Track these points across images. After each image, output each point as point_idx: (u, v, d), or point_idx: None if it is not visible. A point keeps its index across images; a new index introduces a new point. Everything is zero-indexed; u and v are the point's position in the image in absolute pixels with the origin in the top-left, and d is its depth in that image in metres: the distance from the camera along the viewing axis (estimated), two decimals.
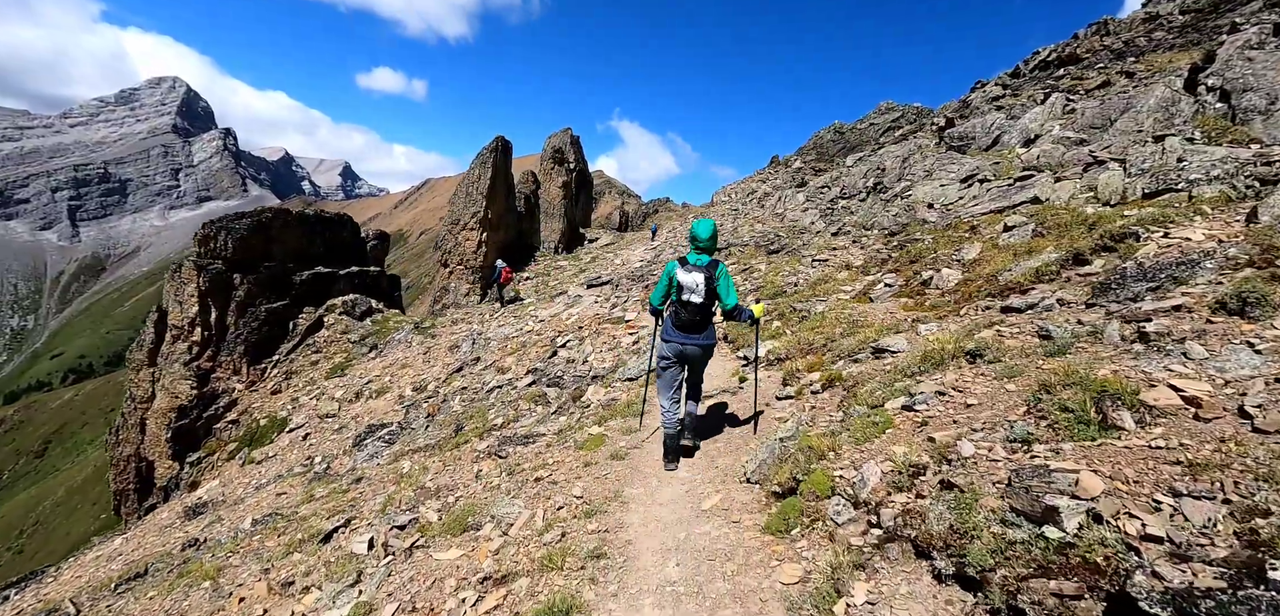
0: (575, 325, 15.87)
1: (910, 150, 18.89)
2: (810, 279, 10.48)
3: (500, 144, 43.79)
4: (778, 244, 17.40)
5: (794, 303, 9.09)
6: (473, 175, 43.48)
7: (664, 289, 5.01)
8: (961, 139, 16.02)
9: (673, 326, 4.92)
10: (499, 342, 17.92)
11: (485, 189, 42.49)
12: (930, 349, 4.91)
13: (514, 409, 11.03)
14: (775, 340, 7.67)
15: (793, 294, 9.97)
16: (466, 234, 43.31)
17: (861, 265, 10.32)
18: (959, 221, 10.26)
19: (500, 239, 44.61)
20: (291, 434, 17.64)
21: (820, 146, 56.38)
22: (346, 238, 27.41)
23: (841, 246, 12.65)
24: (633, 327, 12.34)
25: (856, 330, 6.69)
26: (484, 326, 20.46)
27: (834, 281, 9.74)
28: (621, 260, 34.39)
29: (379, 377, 18.92)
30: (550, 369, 12.72)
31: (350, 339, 21.97)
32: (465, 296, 43.48)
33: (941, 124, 17.72)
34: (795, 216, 23.54)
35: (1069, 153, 11.31)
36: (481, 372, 15.57)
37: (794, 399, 5.61)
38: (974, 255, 8.31)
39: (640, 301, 16.37)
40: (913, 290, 8.05)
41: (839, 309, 7.86)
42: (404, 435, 13.59)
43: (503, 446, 7.33)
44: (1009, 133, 14.44)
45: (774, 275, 11.67)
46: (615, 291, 19.78)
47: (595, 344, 12.52)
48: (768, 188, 44.13)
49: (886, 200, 16.52)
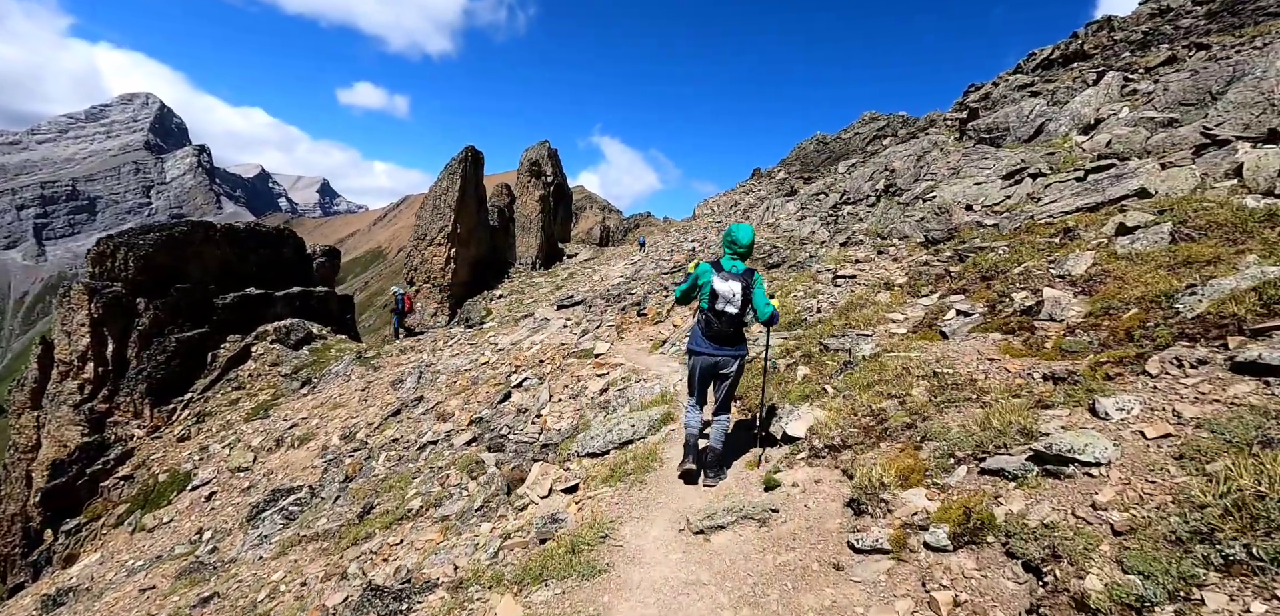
0: (537, 357, 13.04)
1: (923, 148, 16.43)
2: (838, 302, 7.78)
3: (470, 154, 40.90)
4: (777, 256, 14.77)
5: (825, 338, 6.38)
6: (440, 187, 40.54)
7: (689, 287, 4.72)
8: (991, 131, 13.56)
9: (702, 336, 4.60)
10: (449, 377, 15.02)
11: (454, 201, 39.54)
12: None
13: (441, 482, 8.18)
14: (814, 405, 4.91)
15: (818, 323, 7.27)
16: (433, 249, 40.29)
17: (905, 282, 7.65)
18: (1033, 224, 7.66)
19: (471, 255, 41.63)
20: (194, 492, 14.52)
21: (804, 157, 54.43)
22: (288, 255, 24.32)
23: (864, 257, 10.01)
24: (603, 365, 9.56)
25: (956, 395, 4.00)
26: (435, 356, 17.52)
27: (874, 306, 7.06)
28: (600, 276, 31.61)
29: (306, 421, 15.88)
30: (496, 421, 9.88)
31: (281, 372, 18.87)
32: (433, 317, 40.35)
33: (963, 117, 15.30)
34: (790, 225, 20.99)
35: (1159, 136, 8.81)
36: (421, 418, 12.66)
37: (888, 556, 2.85)
38: (1087, 269, 5.69)
39: (615, 326, 13.59)
40: (1007, 322, 5.38)
41: (903, 352, 5.16)
42: (311, 506, 10.63)
43: (381, 595, 4.47)
44: (1055, 120, 11.98)
45: (785, 296, 8.95)
46: (588, 314, 17.00)
47: (555, 387, 9.70)
48: (752, 199, 41.85)
49: (905, 203, 13.98)
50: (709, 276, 4.48)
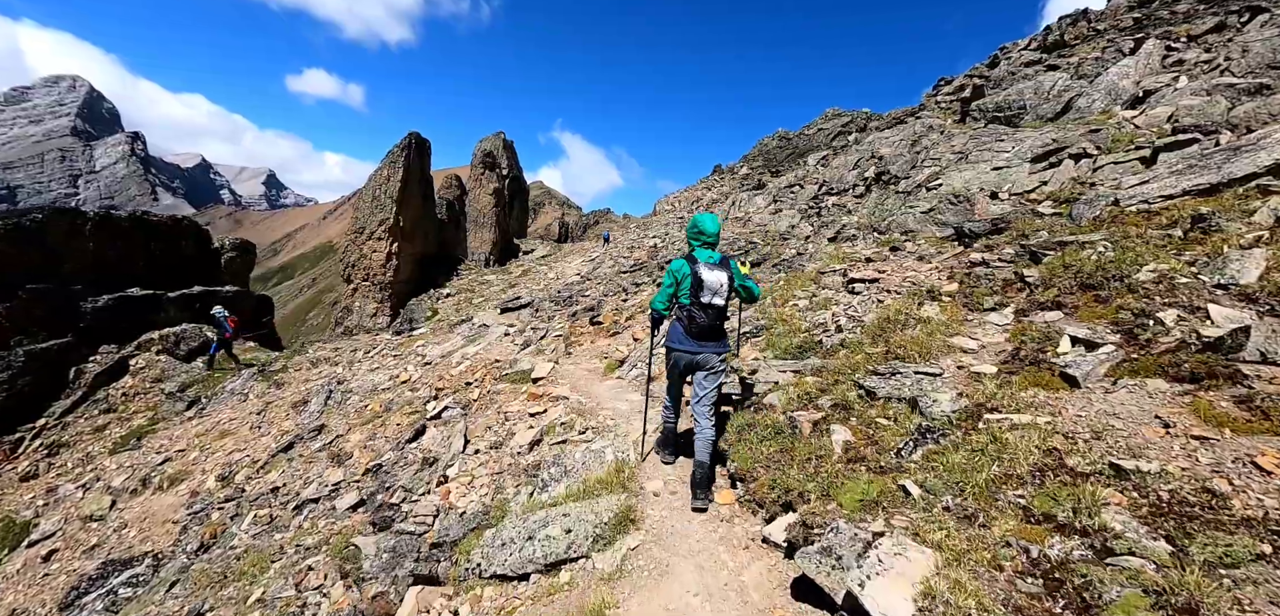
0: (465, 378, 10.50)
1: (917, 132, 14.53)
2: (863, 317, 5.55)
3: (414, 140, 37.69)
4: (756, 254, 12.60)
5: (861, 376, 4.15)
6: (381, 176, 37.20)
7: (670, 291, 4.31)
8: (1003, 110, 11.69)
9: (685, 333, 4.20)
10: (361, 398, 12.32)
11: (395, 192, 36.30)
12: None
13: (299, 581, 5.64)
14: (896, 530, 2.52)
15: (841, 350, 5.02)
16: (373, 244, 36.96)
17: (958, 290, 5.51)
18: (1123, 213, 5.61)
19: (416, 250, 38.43)
20: (30, 550, 11.41)
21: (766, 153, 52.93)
22: (188, 249, 20.95)
23: (875, 255, 7.87)
24: (541, 397, 7.15)
25: (1188, 524, 1.75)
26: (351, 371, 14.71)
27: (923, 324, 4.89)
28: (555, 274, 29.11)
29: (184, 454, 12.92)
30: (397, 473, 7.36)
31: (165, 390, 15.72)
32: (372, 318, 37.09)
33: (965, 96, 13.44)
34: (763, 219, 18.93)
35: (1249, 105, 6.93)
36: (314, 456, 10.00)
37: None
38: (1263, 274, 3.64)
39: (563, 337, 11.15)
40: (1173, 362, 3.23)
41: (1017, 412, 2.95)
42: (148, 589, 7.90)
43: None
44: (1087, 95, 10.15)
45: (784, 305, 6.70)
46: (534, 318, 14.52)
47: (475, 428, 7.21)
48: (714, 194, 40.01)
49: (904, 193, 12.00)
50: (687, 270, 4.21)
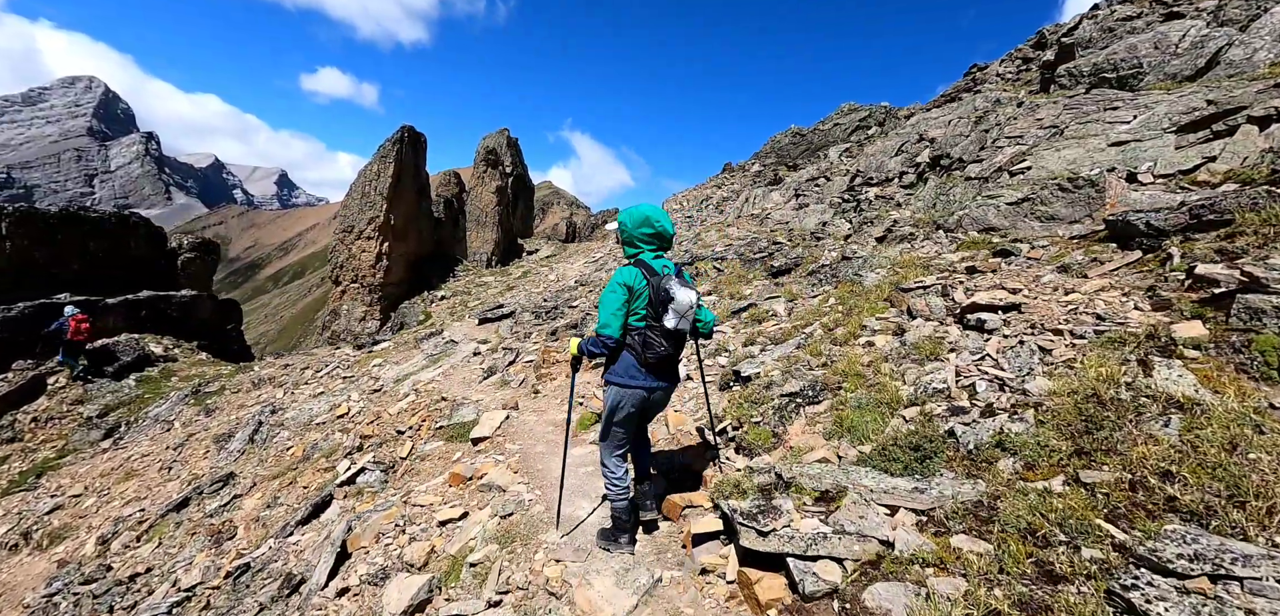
0: (401, 420, 7.98)
1: (980, 109, 11.86)
2: (1031, 383, 2.96)
3: (406, 134, 35.37)
4: (782, 257, 10.00)
5: (1103, 559, 1.55)
6: (371, 172, 34.97)
7: (621, 308, 3.13)
8: (1108, 72, 9.01)
9: (638, 366, 3.16)
10: (289, 436, 9.89)
11: (386, 189, 34.04)
12: None
13: None
14: None
15: (997, 455, 2.43)
16: (362, 243, 34.73)
17: (1209, 336, 2.84)
18: None
19: (409, 250, 36.13)
20: None
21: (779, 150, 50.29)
22: (138, 249, 18.67)
23: (984, 265, 5.26)
24: (463, 483, 4.64)
25: None
26: (293, 394, 12.26)
27: (1188, 414, 2.20)
28: (556, 276, 26.70)
29: (78, 500, 10.58)
30: (254, 589, 4.89)
31: (83, 414, 13.39)
32: (361, 322, 34.88)
33: (1049, 58, 10.73)
34: (784, 216, 16.32)
35: None
36: (197, 526, 7.59)
37: None
38: None
39: (535, 364, 8.59)
40: None
41: None
42: None
43: None
44: (1242, 44, 7.47)
45: (849, 346, 4.11)
46: (512, 332, 12.01)
47: (370, 527, 4.69)
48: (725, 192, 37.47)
49: (975, 179, 9.34)
50: (644, 282, 3.12)
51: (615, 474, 3.34)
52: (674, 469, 3.98)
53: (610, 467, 3.35)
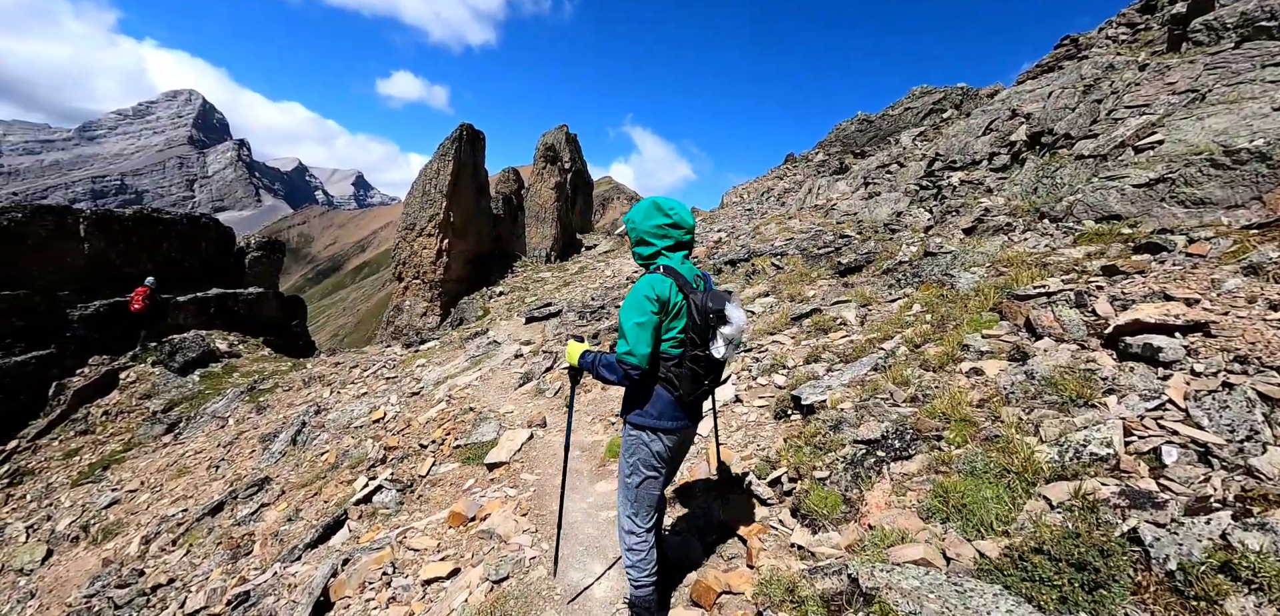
0: (428, 431, 7.44)
1: (1088, 77, 10.23)
2: (1256, 458, 1.95)
3: (465, 133, 35.67)
4: (852, 252, 8.85)
5: None
6: (431, 170, 35.48)
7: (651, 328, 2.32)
8: (1256, 20, 7.37)
9: (674, 404, 2.42)
10: (328, 437, 9.61)
11: (445, 186, 34.48)
12: None
13: None
14: None
15: (1233, 594, 1.41)
16: (423, 241, 35.32)
17: None
18: None
19: (468, 247, 36.52)
20: None
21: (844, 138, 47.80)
22: (208, 249, 19.34)
23: (1115, 263, 4.05)
24: (464, 525, 3.93)
25: None
26: (338, 395, 12.09)
27: None
28: (613, 271, 26.16)
29: (134, 495, 10.74)
30: None
31: (150, 408, 13.80)
32: (422, 318, 35.51)
33: (1181, 10, 9.02)
34: (852, 207, 15.01)
35: None
36: (224, 535, 7.27)
37: None
38: None
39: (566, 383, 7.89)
40: None
41: None
42: None
43: None
44: None
45: (945, 372, 3.10)
46: (556, 334, 11.38)
47: (357, 571, 4.05)
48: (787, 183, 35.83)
49: (1088, 157, 7.88)
50: (681, 298, 2.34)
51: (640, 548, 2.53)
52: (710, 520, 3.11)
53: (634, 538, 2.55)
